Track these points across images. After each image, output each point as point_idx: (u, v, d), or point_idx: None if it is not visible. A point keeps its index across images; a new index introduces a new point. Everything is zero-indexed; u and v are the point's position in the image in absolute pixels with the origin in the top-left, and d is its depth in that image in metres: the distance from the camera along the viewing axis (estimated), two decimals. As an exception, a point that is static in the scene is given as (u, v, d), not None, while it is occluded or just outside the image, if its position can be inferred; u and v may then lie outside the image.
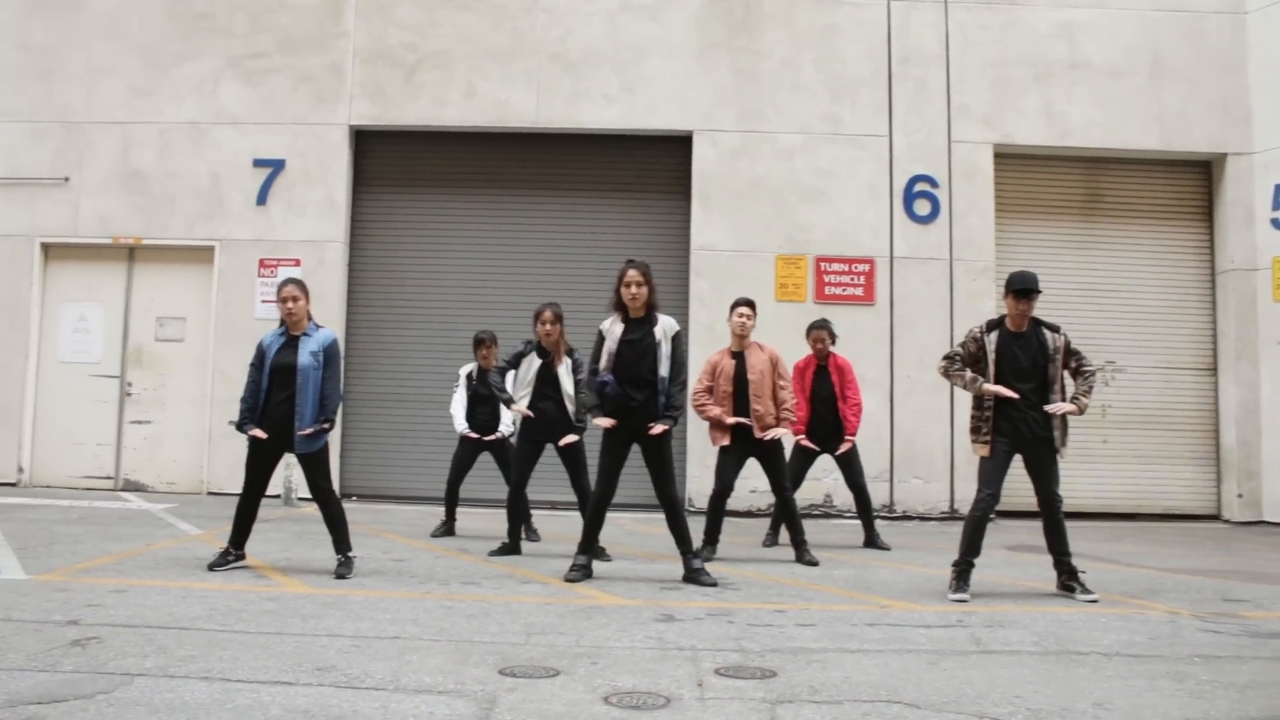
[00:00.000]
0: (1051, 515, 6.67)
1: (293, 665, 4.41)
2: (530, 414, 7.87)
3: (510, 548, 7.98)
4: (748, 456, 8.00)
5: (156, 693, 3.95)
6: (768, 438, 7.83)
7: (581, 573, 6.85)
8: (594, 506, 6.98)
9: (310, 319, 7.03)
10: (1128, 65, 12.19)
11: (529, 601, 6.05)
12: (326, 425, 6.90)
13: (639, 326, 6.88)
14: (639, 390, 6.81)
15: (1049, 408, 6.55)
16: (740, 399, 7.86)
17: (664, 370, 6.82)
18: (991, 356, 6.61)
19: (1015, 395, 6.48)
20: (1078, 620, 5.81)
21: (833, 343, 8.92)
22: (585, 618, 5.59)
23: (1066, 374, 6.70)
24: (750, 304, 8.11)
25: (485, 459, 9.27)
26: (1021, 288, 6.58)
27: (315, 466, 6.92)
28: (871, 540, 9.03)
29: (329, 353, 6.97)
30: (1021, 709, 4.01)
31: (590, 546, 7.02)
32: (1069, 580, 6.67)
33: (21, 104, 12.47)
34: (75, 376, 12.19)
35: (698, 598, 6.29)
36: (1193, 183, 12.50)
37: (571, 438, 7.95)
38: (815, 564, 7.76)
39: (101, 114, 12.38)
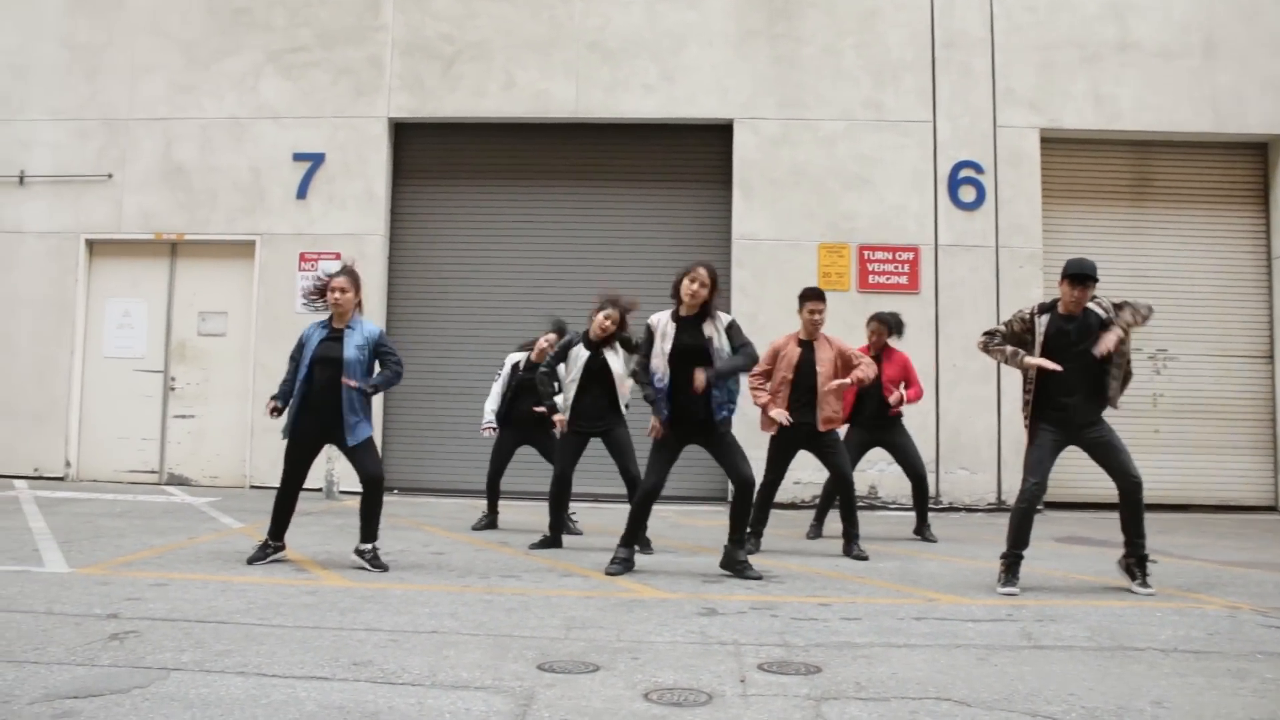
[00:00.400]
0: (1130, 498, 6.34)
1: (329, 660, 4.36)
2: (563, 422, 7.84)
3: (551, 540, 7.90)
4: (799, 448, 7.87)
5: (192, 687, 3.91)
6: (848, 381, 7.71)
7: (623, 566, 6.75)
8: (640, 500, 6.83)
9: (358, 311, 6.95)
10: (1179, 46, 11.88)
11: (569, 595, 5.97)
12: (370, 389, 6.77)
13: (691, 327, 6.64)
14: (694, 401, 6.59)
15: (1097, 348, 6.21)
16: (798, 389, 7.69)
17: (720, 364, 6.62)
18: (1039, 339, 6.40)
19: (1058, 368, 6.26)
20: (1132, 615, 5.64)
21: (890, 336, 8.83)
22: (626, 611, 5.50)
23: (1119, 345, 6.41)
24: (820, 296, 7.87)
25: (528, 452, 9.16)
26: (1077, 273, 6.34)
27: (366, 453, 6.76)
28: (921, 529, 8.89)
29: (379, 345, 6.87)
30: (1076, 707, 3.87)
31: (633, 539, 6.92)
32: (1137, 567, 6.42)
33: (67, 102, 12.58)
34: (120, 371, 12.30)
35: (740, 591, 6.18)
36: (1247, 165, 12.18)
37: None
38: (864, 559, 7.60)
39: (144, 110, 12.47)
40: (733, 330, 6.68)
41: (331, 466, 10.99)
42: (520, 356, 9.04)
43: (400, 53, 12.28)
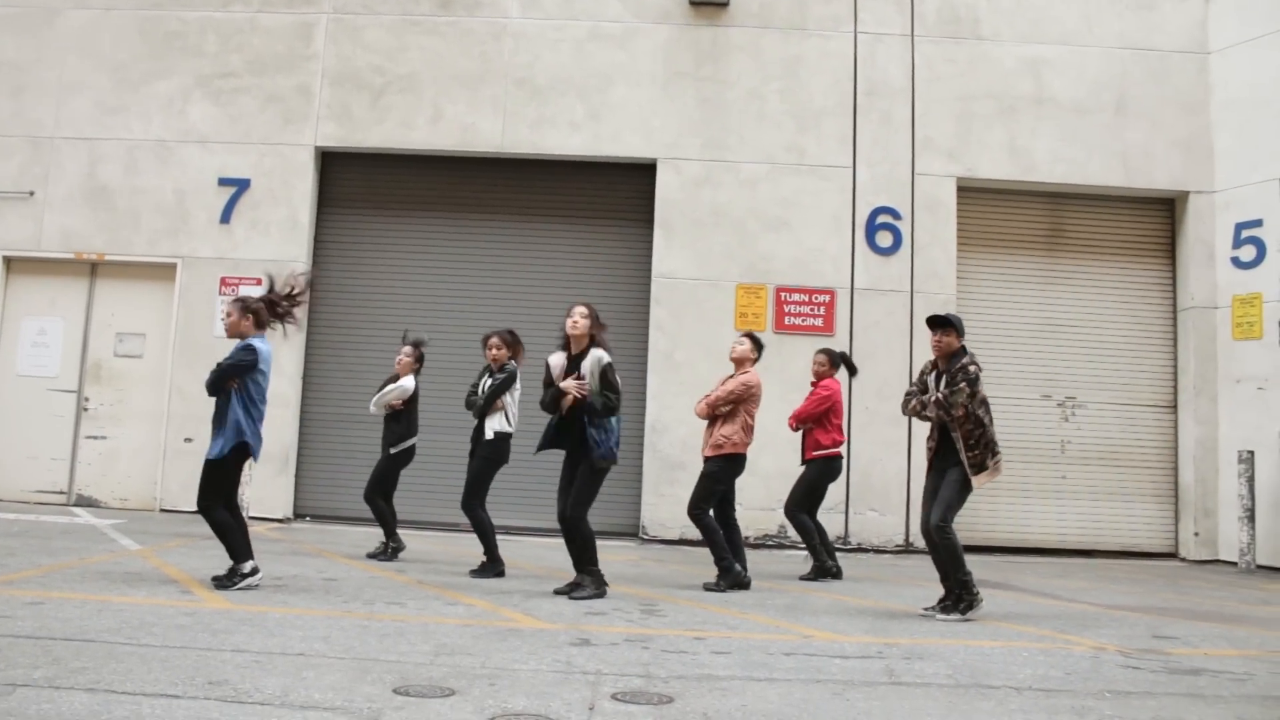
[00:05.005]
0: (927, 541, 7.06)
1: (185, 679, 4.36)
2: None
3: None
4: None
5: (34, 704, 3.89)
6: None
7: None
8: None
9: (244, 335, 7.06)
10: (1093, 102, 12.25)
11: (448, 623, 6.00)
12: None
13: (575, 361, 7.22)
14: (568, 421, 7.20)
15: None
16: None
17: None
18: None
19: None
20: (999, 654, 5.77)
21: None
22: (500, 640, 5.54)
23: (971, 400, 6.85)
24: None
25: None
26: (931, 317, 7.07)
27: None
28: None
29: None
30: (904, 740, 3.97)
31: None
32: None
33: (-11, 118, 12.50)
34: (32, 390, 12.13)
35: (620, 623, 6.24)
36: (1155, 220, 12.55)
37: None
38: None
39: (69, 130, 12.40)
40: (605, 374, 7.13)
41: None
42: None
43: (330, 82, 12.35)
